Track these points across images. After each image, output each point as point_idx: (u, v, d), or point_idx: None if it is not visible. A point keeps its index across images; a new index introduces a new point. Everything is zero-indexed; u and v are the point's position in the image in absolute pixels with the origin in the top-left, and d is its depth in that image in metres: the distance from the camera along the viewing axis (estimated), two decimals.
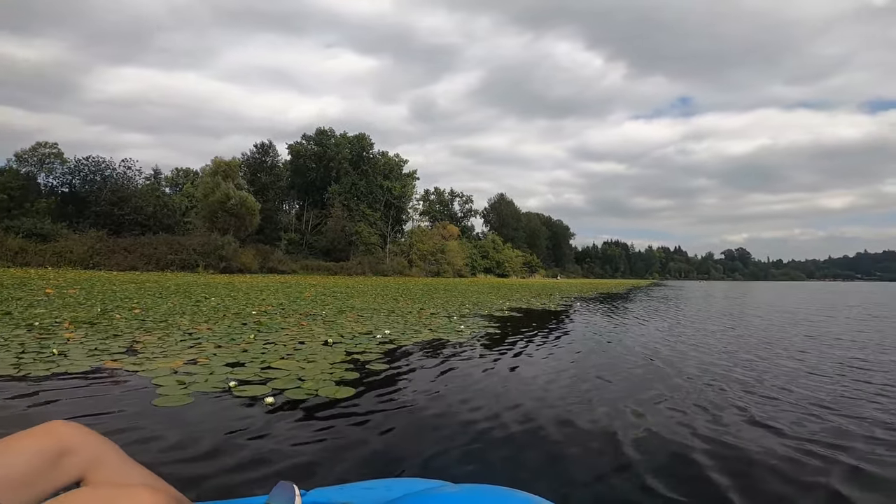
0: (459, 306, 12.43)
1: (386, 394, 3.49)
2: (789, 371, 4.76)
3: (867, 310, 15.55)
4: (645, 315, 12.04)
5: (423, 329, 7.15)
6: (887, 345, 6.89)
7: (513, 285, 38.62)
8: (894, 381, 4.29)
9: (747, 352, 6.04)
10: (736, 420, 3.07)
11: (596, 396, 3.58)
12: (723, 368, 4.85)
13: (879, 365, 5.19)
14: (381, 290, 19.29)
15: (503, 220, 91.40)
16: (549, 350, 5.83)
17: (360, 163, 63.01)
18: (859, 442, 2.67)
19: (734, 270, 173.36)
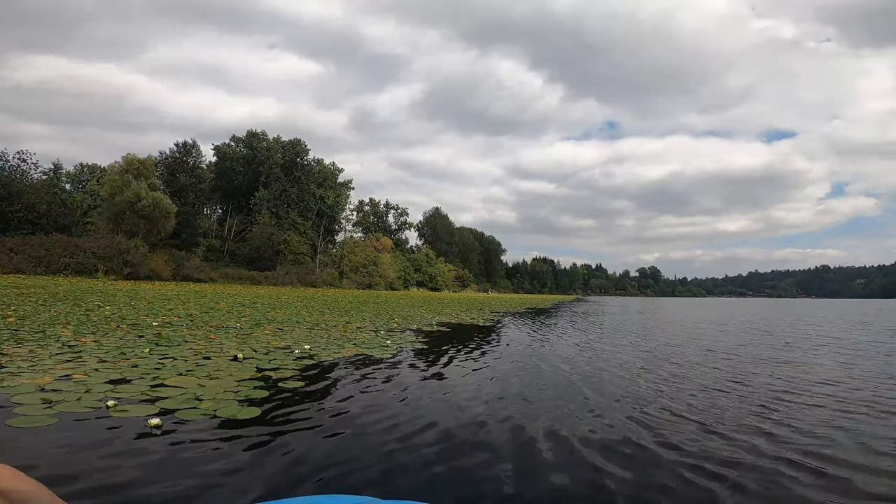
0: (388, 320, 12.18)
1: (295, 413, 3.24)
2: (688, 386, 5.10)
3: (753, 325, 17.44)
4: (568, 331, 12.52)
5: (346, 344, 6.86)
6: (763, 357, 7.71)
7: (444, 299, 38.83)
8: (769, 396, 4.74)
9: (655, 366, 6.45)
10: (636, 435, 3.20)
11: (515, 413, 3.56)
12: (630, 383, 5.11)
13: (754, 376, 5.75)
14: (308, 302, 18.46)
15: (437, 234, 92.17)
16: (474, 367, 5.78)
17: (293, 169, 60.67)
18: (740, 456, 2.87)
19: (647, 287, 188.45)
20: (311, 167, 62.31)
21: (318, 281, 52.00)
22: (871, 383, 5.22)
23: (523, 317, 19.37)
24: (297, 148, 61.98)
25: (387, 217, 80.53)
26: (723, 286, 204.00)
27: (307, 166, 62.09)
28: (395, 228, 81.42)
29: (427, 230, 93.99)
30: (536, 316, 20.39)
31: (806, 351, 8.53)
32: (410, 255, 78.71)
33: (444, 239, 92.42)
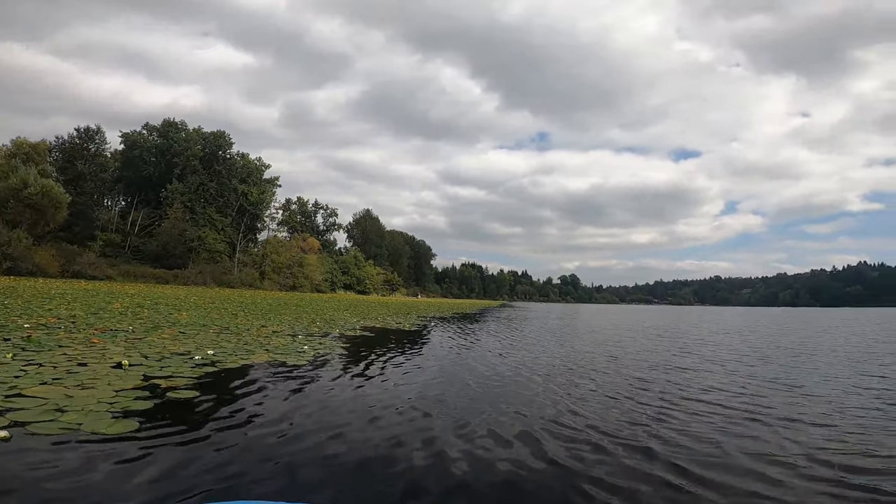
0: (309, 324, 11.66)
1: (181, 426, 2.92)
2: (591, 392, 5.36)
3: (656, 331, 19.01)
4: (490, 337, 12.76)
5: (258, 349, 6.42)
6: (666, 363, 8.41)
7: (372, 303, 38.16)
8: (663, 404, 5.09)
9: (563, 372, 6.74)
10: (537, 445, 3.28)
11: (426, 425, 3.42)
12: (537, 392, 5.28)
13: (648, 384, 6.23)
14: (221, 304, 17.17)
15: (367, 236, 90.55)
16: (392, 374, 5.63)
17: (214, 162, 56.43)
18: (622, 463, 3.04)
19: (567, 294, 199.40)
20: (234, 161, 58.36)
21: (235, 281, 48.73)
22: (750, 389, 5.72)
23: (450, 322, 19.53)
24: (220, 140, 57.80)
25: (315, 217, 77.67)
26: (633, 294, 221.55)
27: (230, 160, 58.07)
28: (323, 229, 78.71)
29: (357, 232, 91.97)
30: (463, 321, 20.66)
31: (696, 357, 9.40)
32: (339, 258, 76.50)
33: (375, 242, 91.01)
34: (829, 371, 6.88)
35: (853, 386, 5.61)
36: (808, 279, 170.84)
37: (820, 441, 3.21)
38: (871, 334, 16.21)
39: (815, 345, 11.94)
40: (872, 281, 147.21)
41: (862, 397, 4.91)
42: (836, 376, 6.37)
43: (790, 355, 9.22)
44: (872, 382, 5.88)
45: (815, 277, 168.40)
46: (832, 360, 8.43)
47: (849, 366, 7.58)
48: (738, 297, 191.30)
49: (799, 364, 7.76)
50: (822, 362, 8.00)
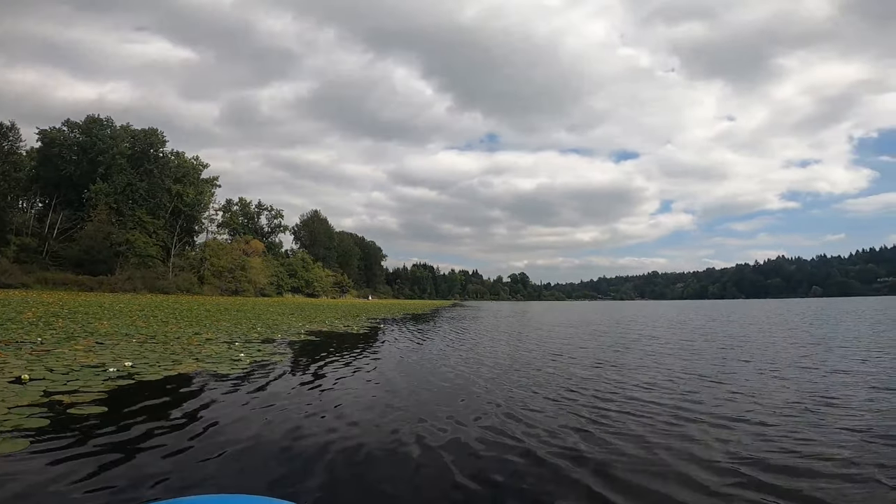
0: (249, 330, 11.10)
1: (76, 446, 2.63)
2: (530, 395, 5.44)
3: (597, 327, 19.85)
4: (440, 338, 12.69)
5: (186, 359, 5.99)
6: (604, 361, 8.74)
7: (320, 305, 37.12)
8: (598, 404, 5.15)
9: (511, 372, 6.82)
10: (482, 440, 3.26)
11: (359, 440, 3.15)
12: (486, 393, 5.29)
13: (593, 382, 6.45)
14: (151, 311, 15.99)
15: (315, 238, 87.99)
16: (333, 382, 5.35)
17: (144, 161, 52.60)
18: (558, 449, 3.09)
19: (517, 292, 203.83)
20: (167, 160, 54.72)
21: (171, 287, 45.73)
22: (681, 386, 5.97)
23: (400, 323, 19.34)
24: (152, 138, 53.94)
25: (259, 219, 74.33)
26: (579, 290, 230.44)
27: (163, 159, 54.37)
28: (268, 231, 75.52)
29: (304, 234, 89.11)
30: (413, 322, 20.53)
31: (633, 352, 9.85)
32: (285, 260, 73.80)
33: (323, 243, 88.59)
34: (754, 366, 7.38)
35: (777, 377, 5.98)
36: (734, 273, 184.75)
37: (745, 439, 3.18)
38: (792, 325, 17.78)
39: (741, 337, 12.90)
40: (790, 273, 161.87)
41: (788, 392, 4.94)
42: (760, 370, 6.81)
43: (718, 347, 9.87)
44: (796, 373, 6.11)
45: (740, 271, 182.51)
46: (756, 353, 9.09)
47: (771, 358, 8.20)
48: (673, 290, 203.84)
49: (728, 357, 8.29)
50: (747, 356, 8.53)
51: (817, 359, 7.26)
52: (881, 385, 4.95)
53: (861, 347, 8.76)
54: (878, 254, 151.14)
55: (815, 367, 6.32)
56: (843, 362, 6.83)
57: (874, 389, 4.76)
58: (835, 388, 4.91)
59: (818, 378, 5.50)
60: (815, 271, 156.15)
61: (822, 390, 4.77)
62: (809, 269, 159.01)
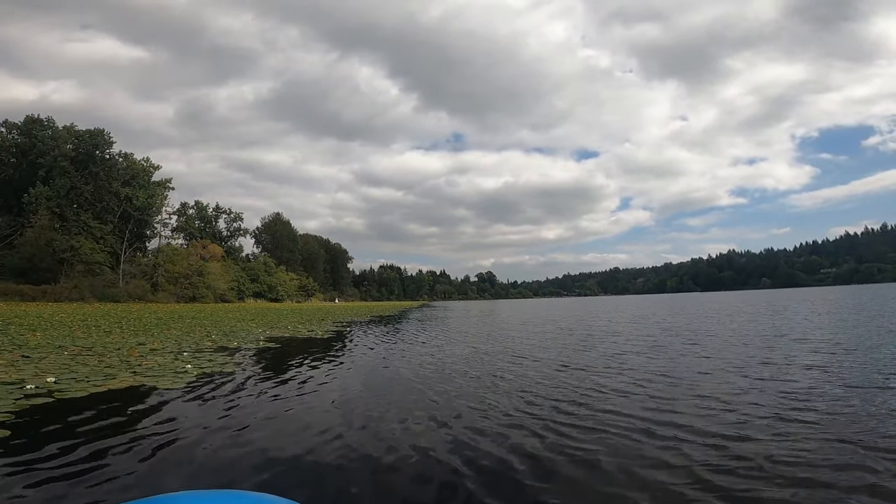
0: (202, 338, 10.39)
1: None
2: (491, 406, 5.22)
3: (564, 325, 20.03)
4: (406, 342, 12.25)
5: (122, 373, 5.41)
6: (567, 362, 8.65)
7: (284, 310, 35.95)
8: (557, 413, 5.10)
9: (474, 380, 6.56)
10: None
11: (304, 468, 2.68)
12: (447, 402, 5.01)
13: (554, 387, 6.29)
14: (95, 321, 14.82)
15: (278, 241, 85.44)
16: (287, 396, 4.71)
17: (90, 163, 49.33)
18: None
19: (485, 291, 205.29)
20: (114, 162, 51.53)
21: (122, 295, 43.08)
22: (643, 388, 5.96)
23: (367, 326, 18.84)
24: (97, 139, 50.54)
25: (217, 222, 71.25)
26: (545, 287, 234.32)
27: (109, 161, 51.13)
28: (227, 235, 72.50)
29: (266, 237, 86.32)
30: (381, 325, 20.06)
31: (596, 351, 9.83)
32: (246, 264, 71.20)
33: (286, 246, 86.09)
34: (711, 364, 7.45)
35: (733, 370, 6.02)
36: (690, 267, 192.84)
37: (714, 451, 2.90)
38: (742, 316, 18.48)
39: (697, 332, 13.21)
40: (742, 266, 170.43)
41: (758, 394, 4.82)
42: (725, 369, 6.85)
43: (683, 342, 10.00)
44: (754, 370, 6.05)
45: (696, 265, 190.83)
46: (720, 349, 9.25)
47: (736, 357, 8.32)
48: (635, 285, 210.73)
49: (691, 354, 8.37)
50: (712, 352, 8.61)
51: (777, 353, 7.41)
52: (853, 383, 4.80)
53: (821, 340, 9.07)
54: (820, 246, 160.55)
55: (774, 363, 6.39)
56: (798, 356, 6.98)
57: (845, 387, 4.60)
58: (796, 384, 4.91)
59: (779, 374, 5.54)
60: (763, 263, 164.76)
61: (784, 387, 4.76)
62: (758, 262, 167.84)
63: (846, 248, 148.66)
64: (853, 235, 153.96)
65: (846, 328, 10.51)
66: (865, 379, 4.67)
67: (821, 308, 19.84)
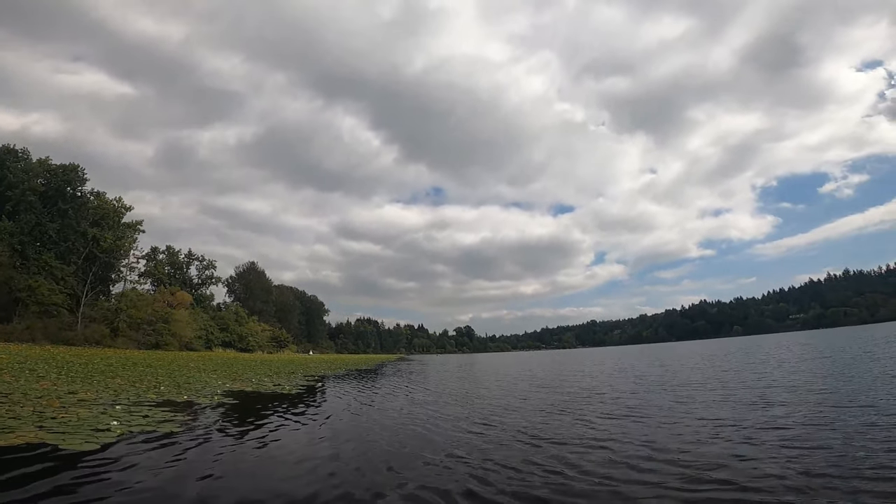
0: (148, 389, 9.21)
1: None
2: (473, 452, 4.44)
3: (539, 378, 19.08)
4: (381, 397, 11.25)
5: (27, 425, 4.42)
6: (539, 433, 7.82)
7: (253, 361, 33.89)
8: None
9: (445, 457, 5.74)
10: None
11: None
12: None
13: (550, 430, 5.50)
14: (34, 364, 13.21)
15: (251, 291, 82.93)
16: (226, 474, 3.72)
17: (59, 200, 47.81)
18: None
19: (463, 345, 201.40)
20: (84, 200, 50.10)
21: (78, 339, 40.31)
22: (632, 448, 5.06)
23: (341, 380, 17.61)
24: (70, 175, 49.29)
25: (188, 269, 68.90)
26: (524, 341, 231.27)
27: (80, 199, 49.70)
28: (198, 283, 69.99)
29: (239, 286, 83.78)
30: (356, 379, 18.81)
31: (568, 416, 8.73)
32: (216, 313, 68.27)
33: (260, 297, 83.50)
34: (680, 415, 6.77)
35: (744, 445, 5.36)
36: (664, 318, 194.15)
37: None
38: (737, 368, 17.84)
39: (693, 385, 12.53)
40: (713, 316, 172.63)
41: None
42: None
43: (670, 399, 9.31)
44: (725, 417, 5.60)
45: (669, 316, 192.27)
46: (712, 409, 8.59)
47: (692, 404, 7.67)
48: (612, 337, 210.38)
49: (681, 413, 7.67)
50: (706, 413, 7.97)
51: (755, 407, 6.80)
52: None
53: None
54: (787, 293, 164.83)
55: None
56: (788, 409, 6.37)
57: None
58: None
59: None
60: (734, 312, 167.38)
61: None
62: (729, 311, 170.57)
63: (811, 294, 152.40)
64: (817, 282, 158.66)
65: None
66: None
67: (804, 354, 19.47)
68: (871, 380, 8.88)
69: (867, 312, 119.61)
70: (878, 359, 13.84)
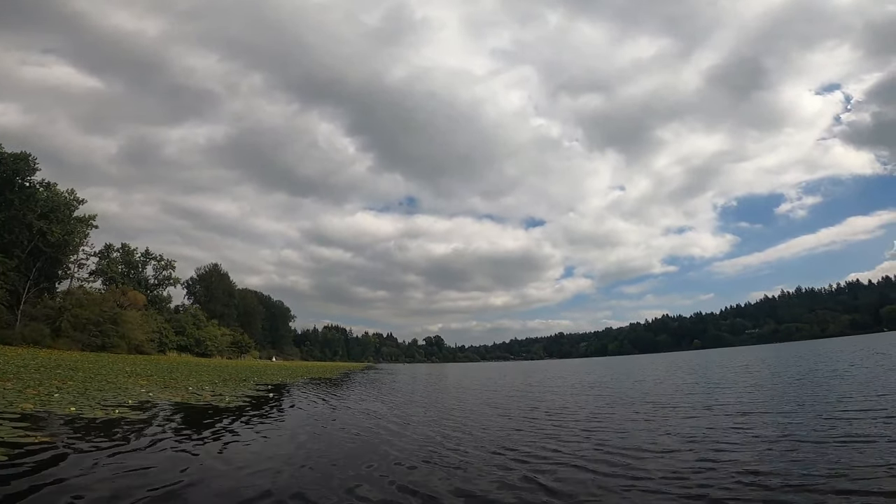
0: (39, 395, 8.03)
1: None
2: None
3: (508, 393, 18.52)
4: (339, 413, 10.34)
5: None
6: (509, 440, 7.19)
7: (206, 366, 32.16)
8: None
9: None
10: None
11: None
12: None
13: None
14: None
15: (213, 293, 79.60)
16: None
17: (6, 190, 44.55)
18: None
19: (432, 354, 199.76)
20: (33, 191, 46.86)
21: (15, 338, 37.43)
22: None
23: (298, 389, 16.52)
24: (20, 164, 45.99)
25: (144, 268, 65.44)
26: (493, 352, 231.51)
27: (28, 189, 46.45)
28: (154, 283, 66.54)
29: (200, 289, 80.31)
30: (314, 388, 17.79)
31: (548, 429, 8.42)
32: (173, 315, 65.07)
33: (221, 300, 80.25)
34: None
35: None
36: (629, 331, 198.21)
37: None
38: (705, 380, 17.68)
39: (662, 399, 12.17)
40: (675, 330, 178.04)
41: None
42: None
43: (644, 418, 8.85)
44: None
45: (634, 330, 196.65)
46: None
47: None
48: (578, 349, 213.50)
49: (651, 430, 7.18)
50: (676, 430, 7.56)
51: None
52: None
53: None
54: (743, 309, 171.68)
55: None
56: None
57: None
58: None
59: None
60: (693, 327, 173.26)
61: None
62: (689, 325, 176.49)
63: (766, 310, 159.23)
64: (772, 298, 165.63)
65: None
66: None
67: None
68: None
69: (818, 328, 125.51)
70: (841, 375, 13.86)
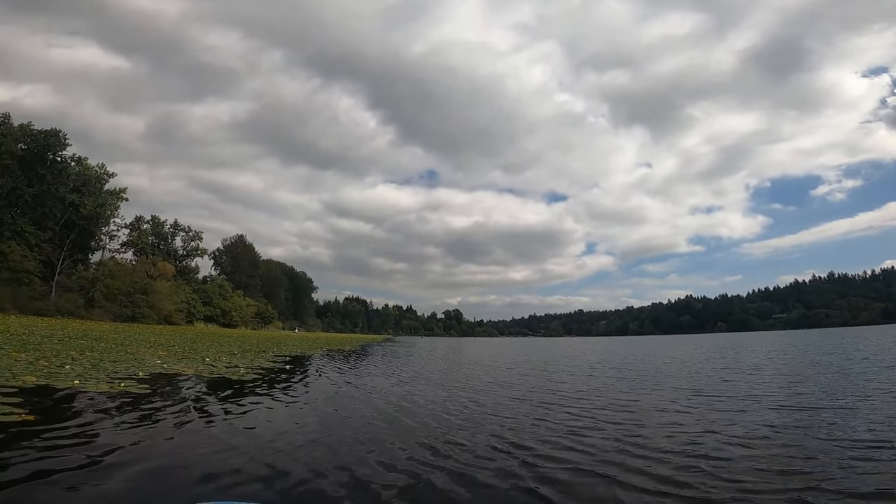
0: (41, 369, 7.98)
1: None
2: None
3: (529, 365, 18.16)
4: (355, 389, 10.15)
5: None
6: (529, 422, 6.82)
7: (228, 337, 32.88)
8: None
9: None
10: None
11: None
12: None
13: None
14: None
15: (238, 265, 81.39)
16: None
17: (37, 165, 45.86)
18: None
19: (451, 328, 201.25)
20: (65, 165, 48.08)
21: (50, 309, 39.12)
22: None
23: (316, 362, 16.52)
24: (51, 140, 47.10)
25: (173, 240, 67.12)
26: (511, 327, 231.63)
27: (60, 164, 47.67)
28: (183, 254, 68.29)
29: (226, 260, 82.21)
30: (332, 360, 17.82)
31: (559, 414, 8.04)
32: (200, 286, 66.97)
33: (247, 271, 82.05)
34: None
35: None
36: (651, 311, 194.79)
37: None
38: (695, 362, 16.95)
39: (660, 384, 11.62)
40: (698, 311, 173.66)
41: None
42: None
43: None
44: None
45: (656, 309, 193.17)
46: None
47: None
48: (598, 327, 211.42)
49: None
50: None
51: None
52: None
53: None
54: (771, 293, 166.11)
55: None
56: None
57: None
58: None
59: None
60: (719, 309, 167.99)
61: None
62: (714, 307, 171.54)
63: (795, 294, 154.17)
64: (802, 283, 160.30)
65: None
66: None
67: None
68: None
69: (849, 315, 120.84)
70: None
